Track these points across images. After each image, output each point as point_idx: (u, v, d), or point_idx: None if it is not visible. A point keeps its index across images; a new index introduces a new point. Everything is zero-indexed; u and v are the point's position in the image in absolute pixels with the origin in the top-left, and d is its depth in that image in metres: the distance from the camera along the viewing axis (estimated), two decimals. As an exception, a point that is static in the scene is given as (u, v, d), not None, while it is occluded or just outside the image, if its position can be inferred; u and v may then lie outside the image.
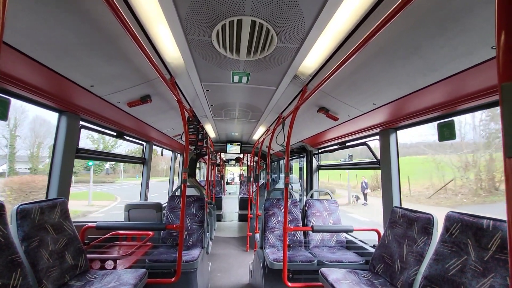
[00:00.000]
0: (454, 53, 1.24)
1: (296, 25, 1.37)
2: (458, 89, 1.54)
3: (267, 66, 1.91)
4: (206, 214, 3.29)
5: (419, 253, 1.76)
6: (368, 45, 1.16)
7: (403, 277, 1.81)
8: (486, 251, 1.35)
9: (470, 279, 1.37)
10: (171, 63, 1.86)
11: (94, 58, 1.56)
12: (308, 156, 4.55)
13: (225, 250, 5.20)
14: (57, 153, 2.17)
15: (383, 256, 2.09)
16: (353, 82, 1.86)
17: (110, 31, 1.34)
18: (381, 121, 2.42)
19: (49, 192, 2.13)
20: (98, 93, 2.00)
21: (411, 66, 1.44)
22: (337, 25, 1.32)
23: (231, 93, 2.61)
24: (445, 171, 16.03)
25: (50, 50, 1.38)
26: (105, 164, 34.65)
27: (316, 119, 2.95)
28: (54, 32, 1.25)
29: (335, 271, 2.09)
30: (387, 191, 2.47)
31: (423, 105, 1.88)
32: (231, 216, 8.97)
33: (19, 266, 1.40)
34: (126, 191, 22.38)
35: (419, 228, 1.83)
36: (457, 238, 1.51)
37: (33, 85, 1.69)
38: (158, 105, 2.66)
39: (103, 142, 36.01)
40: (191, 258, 2.52)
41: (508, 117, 0.48)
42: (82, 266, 1.95)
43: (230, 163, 17.69)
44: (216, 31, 1.46)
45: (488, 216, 1.41)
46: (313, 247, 3.10)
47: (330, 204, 3.37)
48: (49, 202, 1.84)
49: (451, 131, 1.80)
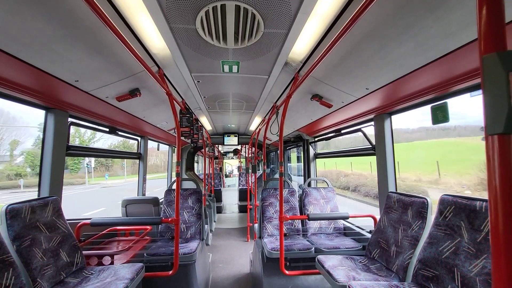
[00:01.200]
0: (443, 32, 1.20)
1: (281, 8, 1.32)
2: (450, 70, 1.50)
3: (257, 54, 1.87)
4: (203, 207, 3.29)
5: (414, 237, 1.77)
6: (358, 27, 1.11)
7: (398, 261, 1.83)
8: (479, 232, 1.35)
9: (463, 261, 1.37)
10: (157, 54, 1.81)
11: (76, 52, 1.50)
12: (304, 145, 4.54)
13: (226, 241, 5.25)
14: (46, 151, 2.13)
15: (379, 241, 2.10)
16: (345, 66, 1.82)
17: (89, 22, 1.29)
18: (375, 106, 2.39)
19: (40, 191, 2.11)
20: (84, 88, 1.95)
21: (402, 48, 1.40)
22: (324, 7, 1.27)
23: (223, 83, 2.56)
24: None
25: (27, 45, 1.32)
26: (83, 160, 31.20)
27: (311, 107, 2.91)
28: (29, 25, 1.19)
29: (331, 257, 2.10)
30: (383, 176, 2.47)
31: (416, 88, 1.85)
32: (231, 208, 9.03)
33: (11, 265, 1.39)
34: (85, 197, 17.22)
35: (414, 213, 1.83)
36: (451, 221, 1.51)
37: (14, 82, 1.63)
38: (149, 99, 2.61)
39: (78, 136, 34.39)
40: (189, 250, 2.53)
41: (489, 90, 0.46)
42: (78, 263, 1.95)
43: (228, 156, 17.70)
44: (200, 18, 1.40)
45: (480, 198, 1.40)
46: (311, 235, 3.13)
47: (327, 192, 3.38)
48: (40, 200, 1.82)
49: (445, 114, 1.78)
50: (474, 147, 15.67)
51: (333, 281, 1.78)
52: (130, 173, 37.51)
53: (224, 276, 3.59)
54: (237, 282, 3.40)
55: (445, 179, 13.63)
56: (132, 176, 36.41)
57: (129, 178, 33.85)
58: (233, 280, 3.46)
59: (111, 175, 37.47)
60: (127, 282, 1.70)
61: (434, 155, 17.15)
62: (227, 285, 3.33)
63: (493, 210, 0.48)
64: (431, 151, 18.55)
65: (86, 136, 36.04)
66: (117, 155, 3.67)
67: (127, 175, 35.91)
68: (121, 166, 39.27)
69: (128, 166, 37.35)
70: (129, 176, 36.29)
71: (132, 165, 37.32)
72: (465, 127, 18.42)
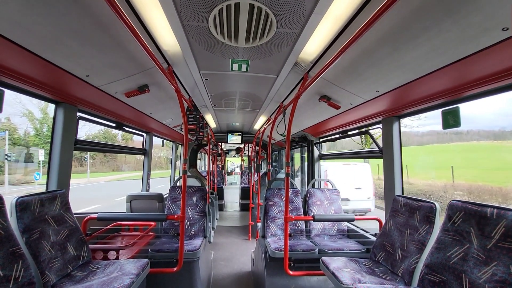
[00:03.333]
0: (462, 36, 1.18)
1: (296, 8, 1.31)
2: (466, 74, 1.48)
3: (267, 53, 1.86)
4: (207, 204, 3.30)
5: (420, 241, 1.76)
6: (372, 29, 1.10)
7: (404, 265, 1.82)
8: (489, 239, 1.33)
9: (472, 267, 1.36)
10: (168, 51, 1.81)
11: (88, 47, 1.51)
12: (309, 145, 4.52)
13: (227, 239, 5.26)
14: (55, 145, 2.15)
15: (384, 244, 2.09)
16: (356, 68, 1.81)
17: (102, 18, 1.29)
18: (384, 109, 2.38)
19: (49, 184, 2.13)
20: (94, 83, 1.96)
21: (416, 51, 1.39)
22: (339, 9, 1.26)
23: (231, 82, 2.56)
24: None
25: (41, 39, 1.33)
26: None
27: (318, 107, 2.90)
28: (44, 19, 1.20)
29: (336, 259, 2.10)
30: (389, 180, 2.45)
31: (427, 91, 1.83)
32: (232, 206, 9.05)
33: (21, 257, 1.40)
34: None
35: (421, 217, 1.82)
36: (460, 227, 1.50)
37: (27, 75, 1.64)
38: (157, 95, 2.62)
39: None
40: (193, 247, 2.54)
41: None
42: (85, 257, 1.97)
43: (230, 154, 17.72)
44: (213, 16, 1.40)
45: (492, 204, 1.38)
46: (314, 236, 3.12)
47: (332, 194, 3.37)
48: (49, 194, 1.84)
49: (456, 119, 1.76)
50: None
51: (338, 283, 1.78)
52: (109, 170, 30.73)
53: (225, 274, 3.60)
54: (239, 280, 3.41)
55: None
56: (103, 174, 28.74)
57: (97, 178, 25.74)
58: (234, 278, 3.47)
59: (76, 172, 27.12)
60: (133, 277, 1.71)
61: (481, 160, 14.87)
62: (228, 282, 3.34)
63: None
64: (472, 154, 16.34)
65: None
66: (123, 150, 3.69)
67: (95, 174, 27.77)
68: (100, 161, 31.84)
69: (96, 161, 30.03)
70: (98, 174, 28.34)
71: (106, 160, 31.61)
72: (478, 132, 18.11)
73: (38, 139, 24.09)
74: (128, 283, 1.62)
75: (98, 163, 32.60)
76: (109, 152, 3.25)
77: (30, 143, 23.86)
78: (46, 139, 23.94)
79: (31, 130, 24.82)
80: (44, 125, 24.96)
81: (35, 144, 23.80)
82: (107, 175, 28.32)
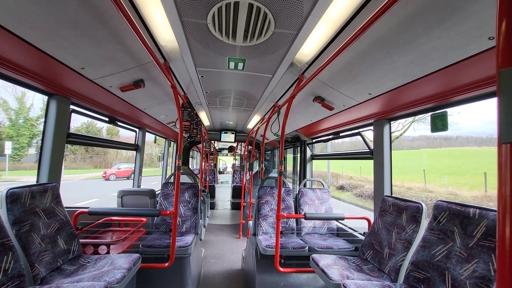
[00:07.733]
0: (451, 43, 1.24)
1: (294, 9, 1.34)
2: (453, 80, 1.55)
3: (264, 53, 1.88)
4: (199, 201, 3.30)
5: (407, 240, 1.82)
6: (366, 33, 1.14)
7: (391, 263, 1.88)
8: (471, 238, 1.40)
9: (455, 264, 1.43)
10: (165, 46, 1.81)
11: (85, 39, 1.50)
12: (302, 145, 4.58)
13: (218, 237, 5.27)
14: (47, 138, 2.11)
15: (373, 243, 2.15)
16: (350, 71, 1.85)
17: (101, 10, 1.29)
18: (375, 111, 2.44)
19: (39, 177, 2.10)
20: (89, 76, 1.94)
21: (408, 56, 1.44)
22: (336, 11, 1.30)
23: (227, 80, 2.57)
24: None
25: (37, 29, 1.31)
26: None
27: (311, 108, 2.95)
28: (41, 9, 1.19)
29: (325, 257, 2.15)
30: (379, 180, 2.52)
31: (417, 95, 1.90)
32: (224, 204, 9.04)
33: (11, 249, 1.39)
34: None
35: (408, 217, 1.88)
36: (444, 226, 1.56)
37: (20, 65, 1.62)
38: (152, 91, 2.61)
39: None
40: (185, 244, 2.54)
41: (504, 101, 0.49)
42: (75, 251, 1.95)
43: (222, 153, 17.67)
44: (212, 13, 1.42)
45: (474, 205, 1.45)
46: (305, 234, 3.17)
47: (323, 193, 3.43)
48: (40, 186, 1.81)
49: (444, 123, 1.83)
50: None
51: (327, 279, 1.82)
52: (91, 167, 27.32)
53: (215, 271, 3.61)
54: (228, 277, 3.43)
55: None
56: (84, 171, 25.05)
57: (73, 175, 21.76)
58: (224, 275, 3.49)
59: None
60: (125, 271, 1.70)
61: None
62: (218, 280, 3.36)
63: (502, 219, 0.49)
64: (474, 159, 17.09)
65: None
66: (116, 145, 3.65)
67: (75, 170, 23.65)
68: (81, 157, 27.47)
69: (77, 156, 26.29)
70: (78, 171, 24.66)
71: (88, 155, 27.93)
72: (467, 138, 19.03)
73: (12, 131, 22.70)
74: (119, 277, 1.62)
75: (80, 158, 29.72)
76: (102, 147, 3.21)
77: (3, 135, 22.37)
78: (21, 131, 22.65)
79: (6, 120, 23.00)
80: (20, 116, 23.24)
81: (9, 136, 22.31)
82: (88, 172, 25.85)
